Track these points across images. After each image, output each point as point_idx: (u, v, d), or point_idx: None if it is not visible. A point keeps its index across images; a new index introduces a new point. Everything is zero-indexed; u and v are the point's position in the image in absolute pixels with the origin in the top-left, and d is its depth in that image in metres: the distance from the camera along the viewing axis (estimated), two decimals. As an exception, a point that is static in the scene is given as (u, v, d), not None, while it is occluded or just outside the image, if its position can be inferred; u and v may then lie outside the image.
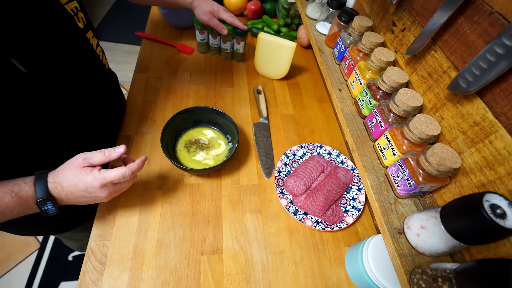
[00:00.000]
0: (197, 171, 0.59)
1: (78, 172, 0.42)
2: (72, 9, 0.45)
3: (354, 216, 0.60)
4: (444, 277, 0.32)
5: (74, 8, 0.46)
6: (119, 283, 0.48)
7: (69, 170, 0.43)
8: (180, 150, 0.65)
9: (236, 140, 0.63)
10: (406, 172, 0.43)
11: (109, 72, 0.63)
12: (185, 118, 0.66)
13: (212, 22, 0.73)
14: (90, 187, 0.42)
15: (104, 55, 0.60)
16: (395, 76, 0.49)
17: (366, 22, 0.61)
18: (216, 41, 0.85)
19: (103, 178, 0.43)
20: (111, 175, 0.43)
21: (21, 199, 0.40)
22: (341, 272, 0.54)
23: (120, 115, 0.70)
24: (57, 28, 0.42)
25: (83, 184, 0.42)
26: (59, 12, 0.43)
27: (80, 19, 0.48)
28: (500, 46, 0.31)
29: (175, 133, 0.66)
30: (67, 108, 0.48)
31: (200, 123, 0.70)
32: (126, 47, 2.25)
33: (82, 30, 0.48)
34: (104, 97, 0.59)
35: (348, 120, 0.57)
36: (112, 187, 0.45)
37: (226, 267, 0.52)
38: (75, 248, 0.88)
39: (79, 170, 0.42)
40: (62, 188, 0.42)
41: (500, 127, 0.35)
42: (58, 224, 0.65)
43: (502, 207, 0.29)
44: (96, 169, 0.43)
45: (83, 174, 0.42)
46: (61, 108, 0.47)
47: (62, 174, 0.43)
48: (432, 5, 0.46)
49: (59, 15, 0.43)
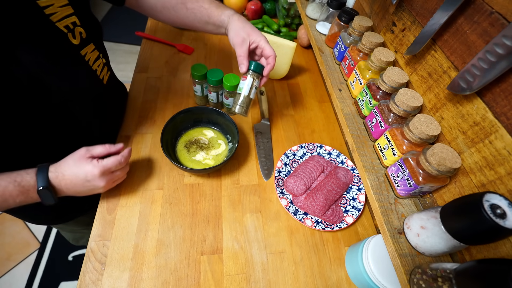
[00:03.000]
0: (197, 171, 0.59)
1: (79, 161, 0.47)
2: (67, 26, 0.43)
3: (354, 216, 0.60)
4: (444, 277, 0.32)
5: (70, 24, 0.44)
6: (119, 283, 0.48)
7: (71, 159, 0.47)
8: (180, 150, 0.65)
9: (236, 140, 0.63)
10: (406, 172, 0.43)
11: (108, 85, 0.59)
12: (185, 118, 0.66)
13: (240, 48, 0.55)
14: (90, 175, 0.47)
15: (105, 68, 0.57)
16: (395, 76, 0.49)
17: (366, 22, 0.61)
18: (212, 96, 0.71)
19: (101, 165, 0.48)
20: (109, 162, 0.49)
21: (23, 188, 0.43)
22: (341, 272, 0.54)
23: (120, 115, 0.70)
24: (32, 45, 0.39)
25: (83, 172, 0.47)
26: (40, 30, 0.40)
27: (77, 34, 0.46)
28: (500, 46, 0.31)
29: (175, 133, 0.66)
30: (57, 116, 0.48)
31: (200, 123, 0.69)
32: (126, 47, 2.25)
33: (77, 47, 0.46)
34: (100, 109, 0.58)
35: (348, 120, 0.57)
36: (109, 176, 0.50)
37: (226, 267, 0.52)
38: (70, 240, 0.89)
39: (80, 159, 0.47)
40: (63, 177, 0.46)
41: (500, 127, 0.35)
42: (49, 216, 0.67)
43: (502, 207, 0.29)
44: (95, 159, 0.49)
45: (84, 163, 0.47)
46: (50, 116, 0.47)
47: (64, 163, 0.47)
48: (432, 5, 0.46)
49: (39, 33, 0.40)
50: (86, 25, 0.48)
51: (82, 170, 0.47)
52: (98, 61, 0.53)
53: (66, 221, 0.70)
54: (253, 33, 0.55)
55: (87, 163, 0.47)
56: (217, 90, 0.68)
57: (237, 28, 0.56)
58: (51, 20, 0.41)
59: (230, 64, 0.90)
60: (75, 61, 0.47)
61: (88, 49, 0.49)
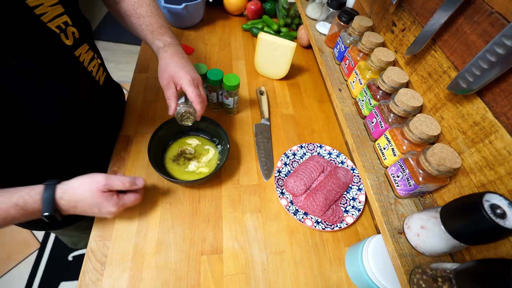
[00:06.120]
0: (196, 182, 0.57)
1: (99, 197, 0.44)
2: (59, 26, 0.41)
3: (354, 216, 0.60)
4: (444, 277, 0.32)
5: (62, 24, 0.42)
6: (119, 283, 0.48)
7: (87, 190, 0.44)
8: (170, 167, 0.62)
9: (225, 141, 0.61)
10: (406, 172, 0.43)
11: (105, 86, 0.58)
12: (167, 132, 0.63)
13: (167, 91, 0.52)
14: (105, 211, 0.46)
15: (100, 69, 0.55)
16: (395, 76, 0.49)
17: (366, 22, 0.61)
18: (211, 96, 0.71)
19: (121, 205, 0.47)
20: (128, 201, 0.48)
21: (26, 211, 0.41)
22: (341, 272, 0.54)
23: (119, 116, 0.69)
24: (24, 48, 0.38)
25: (98, 205, 0.45)
26: (32, 31, 0.38)
27: (70, 34, 0.44)
28: (500, 46, 0.31)
29: (161, 150, 0.63)
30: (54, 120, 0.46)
31: (183, 134, 0.67)
32: (126, 47, 2.25)
33: (70, 48, 0.44)
34: (98, 111, 0.56)
35: (348, 120, 0.57)
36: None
37: (226, 267, 0.52)
38: (68, 243, 0.89)
39: (98, 193, 0.44)
40: (74, 208, 0.44)
41: (500, 127, 0.35)
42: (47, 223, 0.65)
43: (502, 207, 0.29)
44: (115, 194, 0.47)
45: (103, 200, 0.45)
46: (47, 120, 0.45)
47: (79, 192, 0.44)
48: (432, 5, 0.46)
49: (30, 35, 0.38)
50: (78, 24, 0.46)
51: (98, 204, 0.45)
52: (93, 62, 0.52)
53: (65, 226, 0.69)
54: (176, 75, 0.50)
55: (106, 200, 0.45)
56: (217, 90, 0.68)
57: (162, 67, 0.52)
58: (42, 21, 0.39)
59: (230, 64, 0.90)
60: (69, 62, 0.45)
61: (82, 49, 0.47)
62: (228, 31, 1.01)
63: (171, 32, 0.58)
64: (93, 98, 0.54)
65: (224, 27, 1.02)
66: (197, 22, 1.01)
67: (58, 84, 0.44)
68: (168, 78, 0.51)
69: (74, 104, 0.49)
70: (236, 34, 1.00)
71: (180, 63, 0.51)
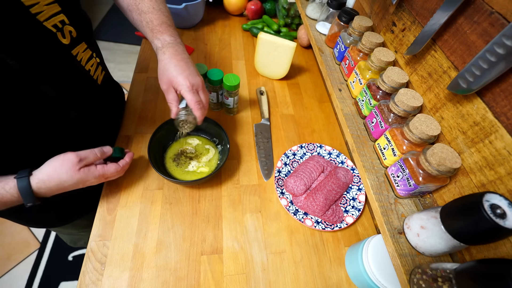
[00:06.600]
0: (196, 182, 0.57)
1: (77, 174, 0.45)
2: (55, 25, 0.41)
3: (354, 216, 0.60)
4: (444, 277, 0.32)
5: (59, 22, 0.41)
6: (119, 283, 0.48)
7: (65, 174, 0.44)
8: (170, 166, 0.62)
9: (226, 141, 0.62)
10: (406, 172, 0.43)
11: (103, 86, 0.58)
12: (166, 132, 0.63)
13: (168, 95, 0.51)
14: (91, 184, 0.48)
15: (99, 68, 0.55)
16: (395, 76, 0.49)
17: (366, 22, 0.61)
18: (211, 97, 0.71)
19: (103, 174, 0.48)
20: (109, 172, 0.49)
21: (5, 204, 0.42)
22: (341, 272, 0.54)
23: (118, 115, 0.69)
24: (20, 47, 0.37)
25: (84, 182, 0.47)
26: (28, 30, 0.38)
27: (67, 33, 0.43)
28: (500, 46, 0.31)
29: (161, 150, 0.63)
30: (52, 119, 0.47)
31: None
32: (126, 47, 2.25)
33: (67, 47, 0.44)
34: (96, 111, 0.56)
35: (348, 120, 0.57)
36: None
37: (226, 267, 0.52)
38: (67, 242, 0.89)
39: (76, 172, 0.45)
40: (57, 189, 0.45)
41: (500, 127, 0.35)
42: (46, 220, 0.66)
43: (502, 207, 0.29)
44: (93, 166, 0.48)
45: (83, 175, 0.46)
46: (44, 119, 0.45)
47: (57, 178, 0.44)
48: (432, 5, 0.46)
49: (26, 34, 0.38)
50: (76, 23, 0.45)
51: (79, 180, 0.45)
52: (91, 61, 0.51)
53: (64, 224, 0.69)
54: (174, 80, 0.49)
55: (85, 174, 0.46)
56: (217, 90, 0.68)
57: (161, 71, 0.50)
58: (38, 20, 0.38)
59: (230, 64, 0.90)
60: (66, 61, 0.45)
61: (80, 48, 0.47)
62: (228, 31, 1.01)
63: (172, 30, 0.54)
64: (91, 97, 0.54)
65: (224, 27, 1.02)
66: (197, 22, 1.01)
67: (55, 83, 0.44)
68: (167, 82, 0.50)
69: (71, 103, 0.49)
70: (236, 34, 1.00)
71: (179, 66, 0.49)
